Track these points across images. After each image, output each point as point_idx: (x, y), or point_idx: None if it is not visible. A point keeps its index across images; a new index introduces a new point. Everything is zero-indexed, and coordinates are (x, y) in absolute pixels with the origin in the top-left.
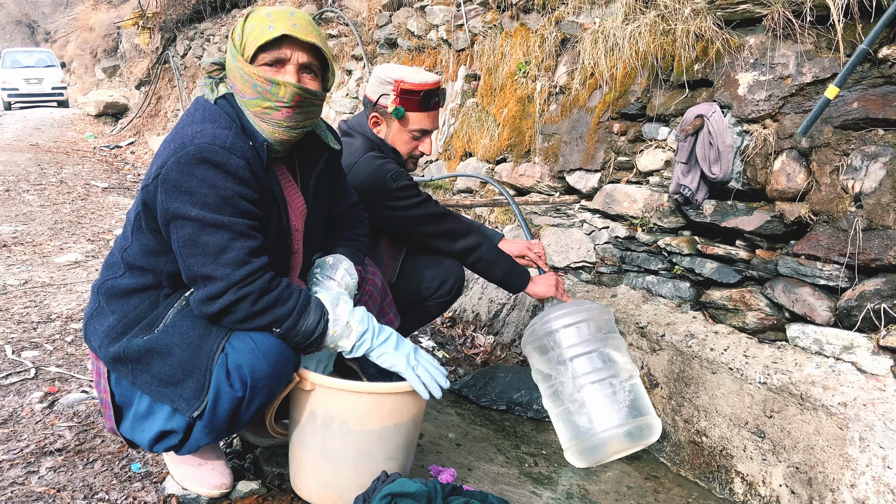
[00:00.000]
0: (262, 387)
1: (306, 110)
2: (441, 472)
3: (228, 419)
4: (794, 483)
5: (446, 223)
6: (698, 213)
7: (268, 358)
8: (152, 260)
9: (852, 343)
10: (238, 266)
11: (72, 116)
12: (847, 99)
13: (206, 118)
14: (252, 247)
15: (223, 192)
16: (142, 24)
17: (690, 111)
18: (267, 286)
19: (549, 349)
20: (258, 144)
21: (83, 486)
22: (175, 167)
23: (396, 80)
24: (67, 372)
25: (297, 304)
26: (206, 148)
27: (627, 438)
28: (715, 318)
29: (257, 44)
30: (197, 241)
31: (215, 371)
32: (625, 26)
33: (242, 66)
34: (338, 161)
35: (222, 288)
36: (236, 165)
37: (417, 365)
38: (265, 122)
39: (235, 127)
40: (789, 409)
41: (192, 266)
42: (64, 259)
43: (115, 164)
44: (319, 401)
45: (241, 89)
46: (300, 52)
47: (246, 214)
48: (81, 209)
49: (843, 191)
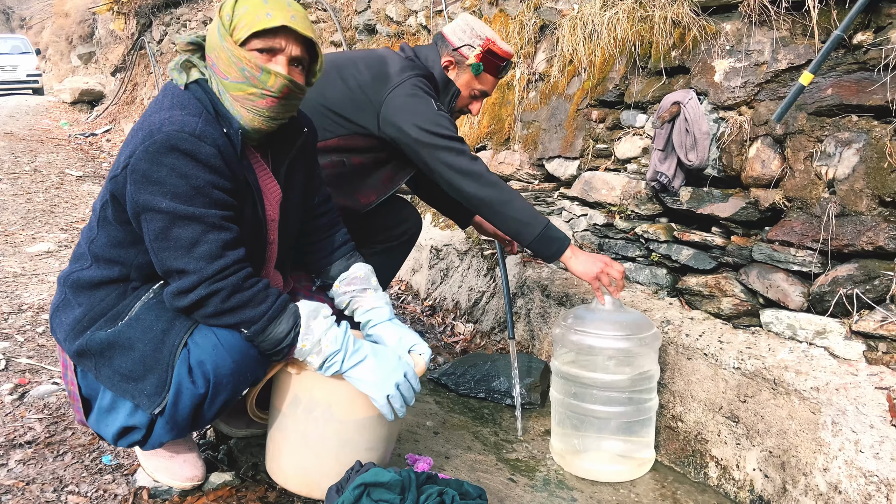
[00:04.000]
0: (225, 384)
1: (290, 102)
2: (417, 460)
3: (190, 416)
4: (767, 467)
5: (479, 165)
6: (675, 201)
7: (232, 354)
8: (121, 252)
9: (825, 328)
10: (211, 260)
11: (47, 104)
12: (821, 85)
13: (174, 104)
14: (226, 239)
15: (194, 181)
16: (117, 10)
17: (667, 98)
18: (241, 284)
19: (574, 361)
20: (232, 132)
21: (53, 478)
22: (144, 157)
23: (489, 39)
24: (38, 363)
25: (270, 309)
26: (176, 136)
27: (614, 474)
28: (691, 305)
29: (253, 29)
30: (169, 234)
31: (177, 367)
32: (603, 13)
33: (231, 47)
34: (312, 146)
35: (194, 282)
36: (207, 153)
37: (393, 391)
38: (246, 109)
39: (206, 113)
40: (763, 393)
41: (165, 260)
42: (36, 249)
43: (90, 152)
44: (305, 385)
45: (225, 71)
46: (294, 45)
47: (219, 204)
48: (55, 198)
49: (817, 177)
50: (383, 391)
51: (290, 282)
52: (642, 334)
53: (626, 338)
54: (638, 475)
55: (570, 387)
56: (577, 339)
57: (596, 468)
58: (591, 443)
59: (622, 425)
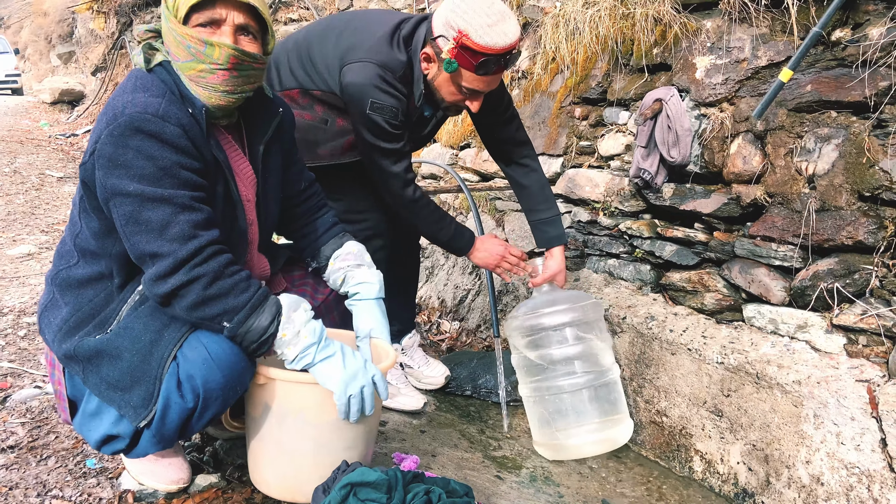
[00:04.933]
0: (215, 398)
1: (245, 74)
2: (404, 459)
3: (177, 429)
4: (751, 460)
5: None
6: (658, 197)
7: (222, 369)
8: (101, 242)
9: (806, 322)
10: (185, 241)
11: (26, 104)
12: (801, 82)
13: (137, 87)
14: (197, 220)
15: (161, 162)
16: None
17: (649, 95)
18: (222, 270)
19: (533, 345)
20: (196, 111)
21: (37, 483)
22: (108, 141)
23: (461, 31)
24: (20, 367)
25: (252, 298)
26: (138, 117)
27: (598, 443)
28: (674, 300)
29: (189, 3)
30: (139, 217)
31: (165, 380)
32: (585, 10)
33: (175, 26)
34: (289, 129)
35: (170, 265)
36: (171, 133)
37: (356, 392)
38: (201, 87)
39: (170, 94)
40: (746, 387)
41: (137, 244)
42: (17, 251)
43: (71, 152)
44: (274, 394)
45: (175, 53)
46: (236, 13)
47: (188, 185)
48: (35, 199)
49: (798, 173)
50: (347, 390)
51: (281, 281)
52: (581, 303)
53: (568, 309)
54: (622, 443)
55: (534, 372)
56: (528, 323)
57: (579, 445)
58: (568, 423)
59: (593, 399)
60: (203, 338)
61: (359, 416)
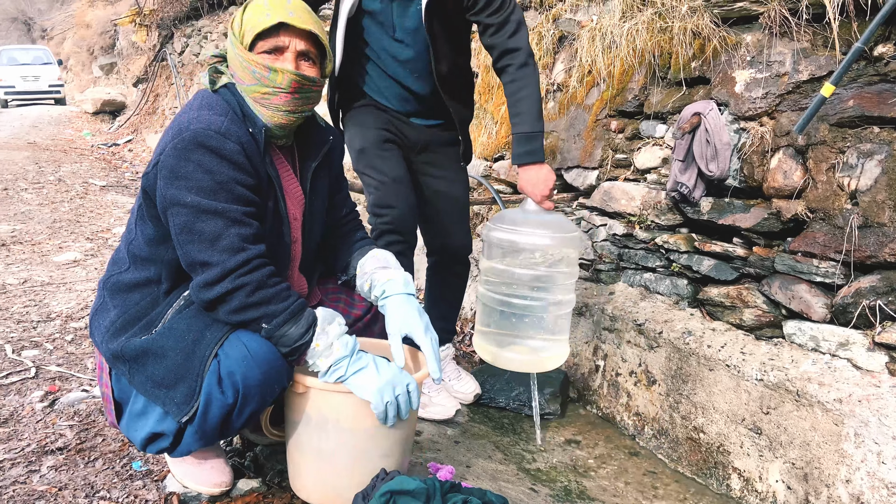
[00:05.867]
0: (253, 394)
1: (305, 96)
2: (439, 469)
3: (219, 425)
4: (790, 479)
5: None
6: (695, 211)
7: (260, 366)
8: (154, 249)
9: (848, 340)
10: (233, 253)
11: (69, 114)
12: (843, 97)
13: (202, 105)
14: (246, 234)
15: (218, 176)
16: (139, 22)
17: (687, 109)
18: (265, 280)
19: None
20: (257, 131)
21: (84, 484)
22: (172, 153)
23: None
24: (68, 371)
25: (290, 307)
26: (202, 133)
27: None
28: (712, 316)
29: (255, 31)
30: (193, 227)
31: (207, 377)
32: (622, 24)
33: (241, 53)
34: (338, 157)
35: (218, 274)
36: (231, 150)
37: (392, 398)
38: (264, 107)
39: (233, 114)
40: (786, 405)
41: (190, 253)
42: (63, 258)
43: (112, 161)
44: (312, 403)
45: (241, 76)
46: (298, 40)
47: (241, 200)
48: (80, 207)
49: (840, 188)
50: (383, 397)
51: (316, 293)
52: (561, 234)
53: (546, 237)
54: (553, 367)
55: (495, 280)
56: (505, 236)
57: (512, 358)
58: (510, 338)
59: (538, 324)
60: (243, 337)
61: (395, 421)
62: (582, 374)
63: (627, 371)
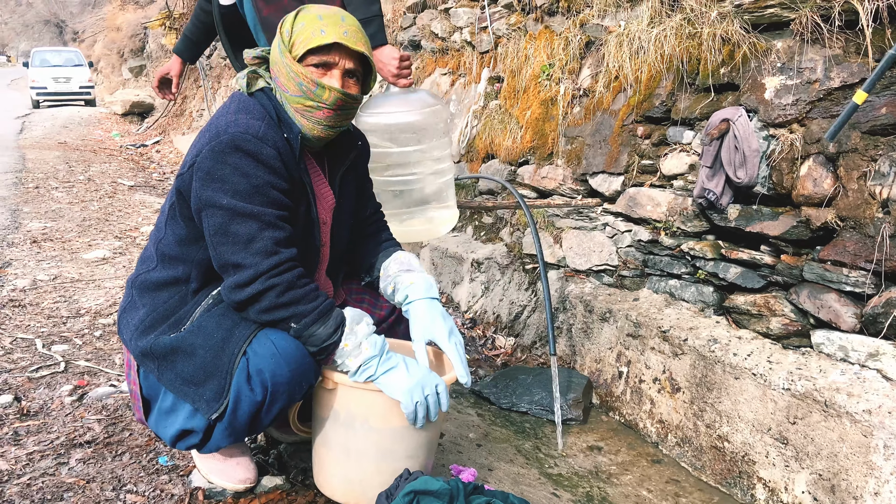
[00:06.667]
0: (282, 392)
1: (346, 112)
2: (462, 471)
3: (248, 422)
4: (816, 490)
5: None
6: (722, 218)
7: (289, 364)
8: (184, 249)
9: (878, 350)
10: (266, 256)
11: (99, 115)
12: (875, 104)
13: (240, 109)
14: (279, 237)
15: (254, 180)
16: (168, 25)
17: (716, 115)
18: (295, 281)
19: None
20: (292, 136)
21: (112, 477)
22: (209, 155)
23: None
24: (96, 366)
25: (319, 307)
26: (240, 136)
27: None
28: (738, 324)
29: (308, 46)
30: (227, 230)
31: (236, 374)
32: (650, 29)
33: (290, 63)
34: (365, 160)
35: (251, 276)
36: (268, 154)
37: (421, 399)
38: (305, 119)
39: (269, 118)
40: (813, 415)
41: (223, 254)
42: (92, 255)
43: (140, 162)
44: (341, 400)
45: (285, 85)
46: (347, 60)
47: (275, 204)
48: (109, 206)
49: (871, 197)
50: (413, 397)
51: (340, 293)
52: (423, 109)
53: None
54: (448, 229)
55: (382, 168)
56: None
57: (415, 229)
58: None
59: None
60: (271, 335)
61: (424, 422)
62: (605, 380)
63: (651, 378)
